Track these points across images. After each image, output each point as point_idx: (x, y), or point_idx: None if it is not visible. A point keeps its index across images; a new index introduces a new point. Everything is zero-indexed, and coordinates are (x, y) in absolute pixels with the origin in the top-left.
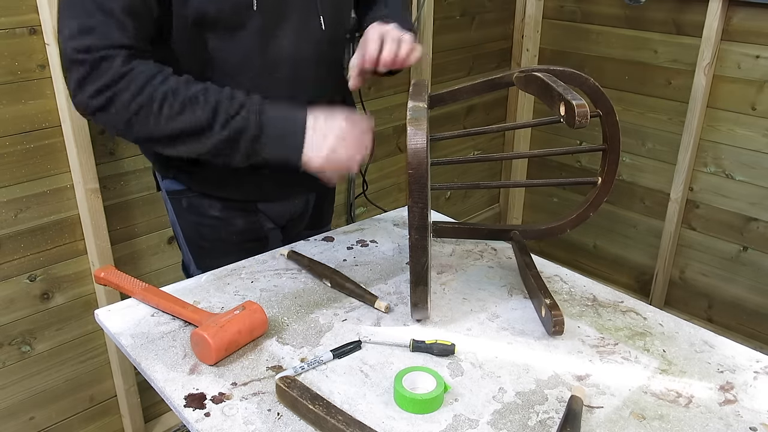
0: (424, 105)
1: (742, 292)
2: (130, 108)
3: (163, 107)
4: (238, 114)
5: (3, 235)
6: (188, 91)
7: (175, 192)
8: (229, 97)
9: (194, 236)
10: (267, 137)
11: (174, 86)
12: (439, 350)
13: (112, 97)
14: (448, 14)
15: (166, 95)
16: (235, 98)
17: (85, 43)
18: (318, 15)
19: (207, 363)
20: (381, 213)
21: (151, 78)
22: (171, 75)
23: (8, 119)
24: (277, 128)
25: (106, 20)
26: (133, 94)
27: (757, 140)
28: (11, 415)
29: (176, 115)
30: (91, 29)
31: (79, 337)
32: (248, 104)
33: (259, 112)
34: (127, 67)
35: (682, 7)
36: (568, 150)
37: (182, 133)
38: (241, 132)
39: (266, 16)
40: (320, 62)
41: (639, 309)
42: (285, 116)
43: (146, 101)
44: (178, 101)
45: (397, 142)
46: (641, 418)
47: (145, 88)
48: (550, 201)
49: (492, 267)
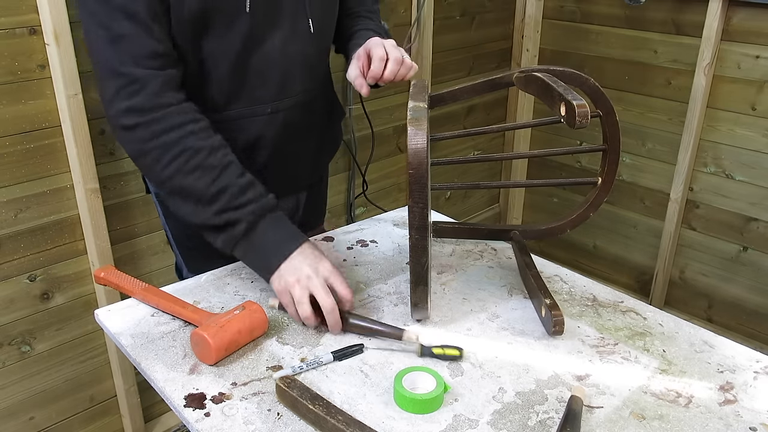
0: (425, 105)
1: (742, 292)
2: (151, 142)
3: (178, 160)
4: (237, 210)
5: (3, 235)
6: (208, 158)
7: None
8: (240, 189)
9: (182, 238)
10: (247, 249)
11: (198, 146)
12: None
13: (138, 124)
14: (448, 14)
15: (185, 150)
16: (245, 193)
17: (120, 50)
18: (307, 18)
19: (207, 363)
20: (381, 213)
21: (183, 125)
22: (202, 130)
23: (8, 119)
24: (260, 247)
25: (134, 26)
26: (158, 132)
27: (757, 140)
28: (11, 415)
29: (185, 174)
30: (121, 37)
31: (79, 337)
32: (251, 207)
33: (254, 222)
34: (159, 99)
35: (682, 7)
36: (568, 150)
37: (181, 192)
38: (229, 228)
39: (258, 17)
40: (308, 64)
41: (639, 309)
42: (274, 240)
43: (166, 146)
44: (193, 162)
45: (398, 142)
46: (641, 418)
47: (172, 131)
48: (550, 201)
49: (492, 267)
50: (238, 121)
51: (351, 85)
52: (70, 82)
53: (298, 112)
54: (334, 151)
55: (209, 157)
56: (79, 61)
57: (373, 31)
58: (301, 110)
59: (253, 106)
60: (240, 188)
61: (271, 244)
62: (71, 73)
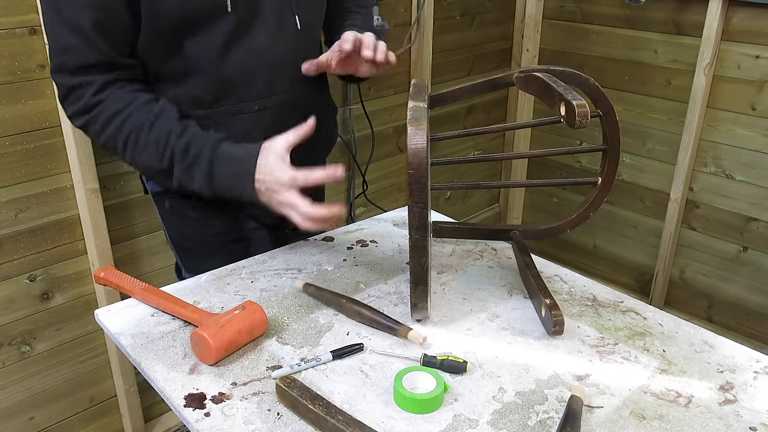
0: (425, 105)
1: (742, 292)
2: (101, 137)
3: (128, 144)
4: (189, 172)
5: (3, 235)
6: (150, 133)
7: (159, 193)
8: (182, 152)
9: (178, 237)
10: (222, 191)
11: (139, 124)
12: (449, 366)
13: (86, 124)
14: (448, 14)
15: (129, 134)
16: (190, 149)
17: (61, 61)
18: (293, 15)
19: (207, 363)
20: (381, 213)
21: (118, 113)
22: (140, 108)
23: (8, 119)
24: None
25: (77, 39)
26: (102, 127)
27: (757, 140)
28: (11, 415)
29: (140, 153)
30: (66, 49)
31: (79, 337)
32: (201, 159)
33: (209, 176)
34: (97, 98)
35: (682, 7)
36: (568, 150)
37: (145, 168)
38: (196, 186)
39: (241, 15)
40: (297, 61)
41: (639, 309)
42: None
43: (112, 135)
44: (141, 141)
45: (397, 142)
46: (641, 418)
47: (111, 122)
48: (550, 201)
49: (492, 267)
50: (224, 118)
51: (350, 85)
52: None
53: (287, 109)
54: (329, 147)
55: (151, 131)
56: None
57: (358, 27)
58: (290, 108)
59: (239, 104)
60: (183, 151)
61: (230, 186)
62: None
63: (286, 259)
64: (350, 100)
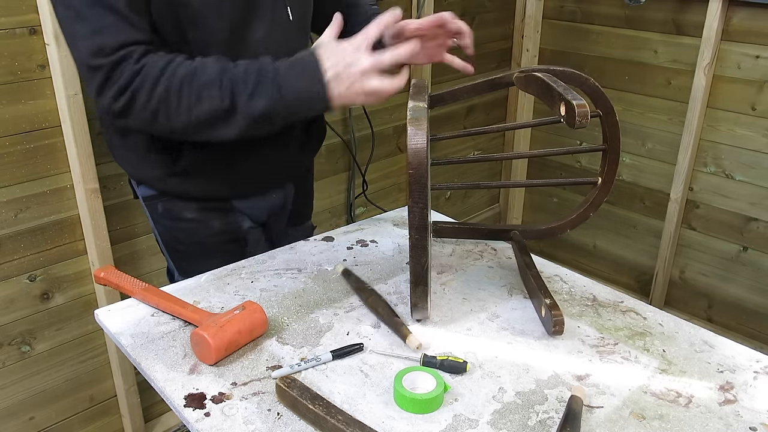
0: (425, 105)
1: (742, 292)
2: (151, 104)
3: (182, 97)
4: (257, 88)
5: (3, 235)
6: (204, 76)
7: (150, 197)
8: (242, 75)
9: (171, 241)
10: (297, 107)
11: (187, 73)
12: (449, 366)
13: (132, 98)
14: None
15: (182, 84)
16: (249, 73)
17: (99, 43)
18: (285, 6)
19: (207, 363)
20: (381, 213)
21: (164, 69)
22: (183, 62)
23: (8, 119)
24: (300, 100)
25: (114, 18)
26: (150, 90)
27: (757, 140)
28: (11, 415)
29: (198, 102)
30: (102, 29)
31: (79, 337)
32: (262, 77)
33: (274, 76)
34: (140, 64)
35: (682, 7)
36: (568, 150)
37: (208, 118)
38: (267, 108)
39: (240, 7)
40: (290, 52)
41: (639, 309)
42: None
43: (164, 94)
44: (194, 88)
45: (397, 142)
46: (641, 418)
47: (159, 80)
48: (550, 201)
49: (492, 267)
50: None
51: None
52: (70, 82)
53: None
54: (320, 141)
55: (203, 73)
56: None
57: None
58: None
59: None
60: (241, 79)
61: (303, 88)
62: (71, 73)
63: (286, 259)
64: None
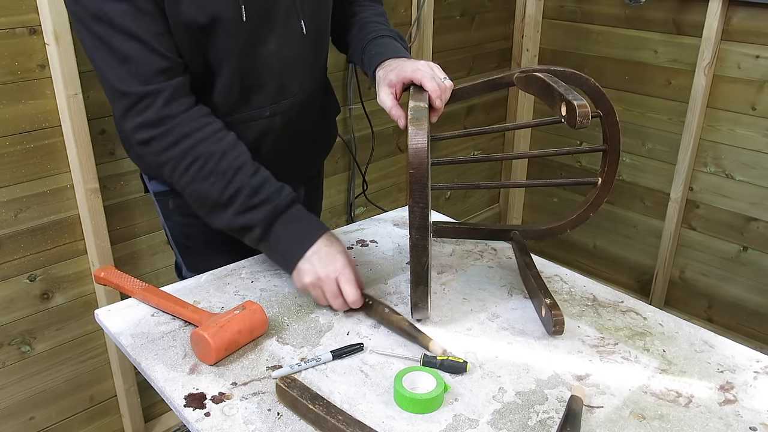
0: (425, 105)
1: (742, 292)
2: (164, 155)
3: (191, 168)
4: (251, 212)
5: (3, 235)
6: (220, 162)
7: (162, 193)
8: (252, 190)
9: (181, 237)
10: (267, 250)
11: (210, 151)
12: (449, 366)
13: (152, 139)
14: (448, 14)
15: (198, 157)
16: (258, 194)
17: (126, 71)
18: (299, 20)
19: (207, 363)
20: (381, 213)
21: (190, 134)
22: (212, 135)
23: (8, 119)
24: (276, 249)
25: (138, 46)
26: (170, 144)
27: (757, 140)
28: (11, 415)
29: (201, 180)
30: (128, 58)
31: (79, 337)
32: (264, 210)
33: (269, 225)
34: (168, 110)
35: (682, 7)
36: (568, 150)
37: (199, 197)
38: (249, 229)
39: (254, 25)
40: (304, 64)
41: (639, 309)
42: (294, 234)
43: (179, 155)
44: (207, 168)
45: (398, 142)
46: (641, 418)
47: (181, 141)
48: (550, 201)
49: (492, 267)
50: (238, 126)
51: (351, 84)
52: (70, 82)
53: (295, 112)
54: (330, 146)
55: (221, 161)
56: (79, 60)
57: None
58: (298, 110)
59: (252, 111)
60: (252, 190)
61: (285, 246)
62: (71, 73)
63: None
64: (350, 100)
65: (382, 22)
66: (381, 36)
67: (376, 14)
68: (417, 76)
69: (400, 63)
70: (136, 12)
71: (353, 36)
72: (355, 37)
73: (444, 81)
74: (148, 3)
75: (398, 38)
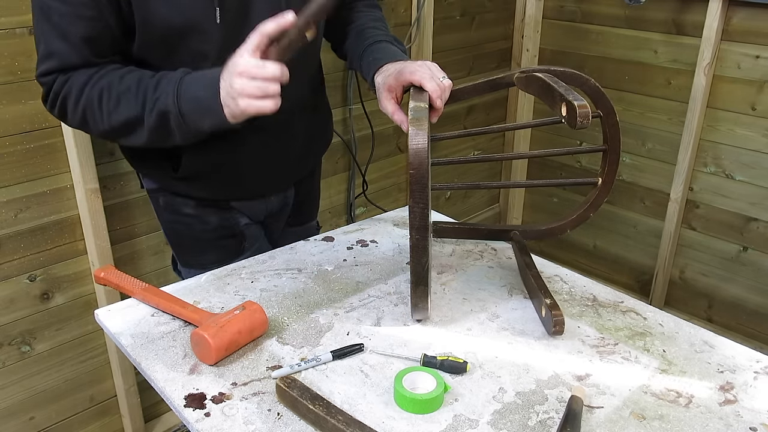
0: (425, 105)
1: (742, 292)
2: (78, 110)
3: (102, 104)
4: (158, 98)
5: (3, 235)
6: (122, 85)
7: (153, 190)
8: (155, 83)
9: (171, 233)
10: (186, 111)
11: (109, 81)
12: (449, 366)
13: (63, 104)
14: (448, 14)
15: (101, 92)
16: (160, 84)
17: (48, 67)
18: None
19: (207, 363)
20: (381, 213)
21: (89, 78)
22: (110, 71)
23: (8, 119)
24: (192, 99)
25: (65, 46)
26: (77, 97)
27: (757, 140)
28: (11, 415)
29: (114, 109)
30: (52, 54)
31: (79, 337)
32: (169, 86)
33: (176, 89)
34: (67, 76)
35: (682, 7)
36: (568, 150)
37: (122, 125)
38: (167, 115)
39: (230, 27)
40: (291, 67)
41: (639, 309)
42: (198, 84)
43: (88, 102)
44: (113, 96)
45: (398, 142)
46: (641, 418)
47: (84, 88)
48: (550, 201)
49: (492, 267)
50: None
51: (351, 85)
52: None
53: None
54: (324, 146)
55: (120, 83)
56: None
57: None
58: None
59: None
60: (154, 83)
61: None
62: None
63: (286, 259)
64: (350, 100)
65: (379, 27)
66: (378, 41)
67: (374, 19)
68: (416, 77)
69: (398, 66)
70: (76, 14)
71: (350, 43)
72: (353, 44)
73: (443, 80)
74: (88, 9)
75: (395, 42)
